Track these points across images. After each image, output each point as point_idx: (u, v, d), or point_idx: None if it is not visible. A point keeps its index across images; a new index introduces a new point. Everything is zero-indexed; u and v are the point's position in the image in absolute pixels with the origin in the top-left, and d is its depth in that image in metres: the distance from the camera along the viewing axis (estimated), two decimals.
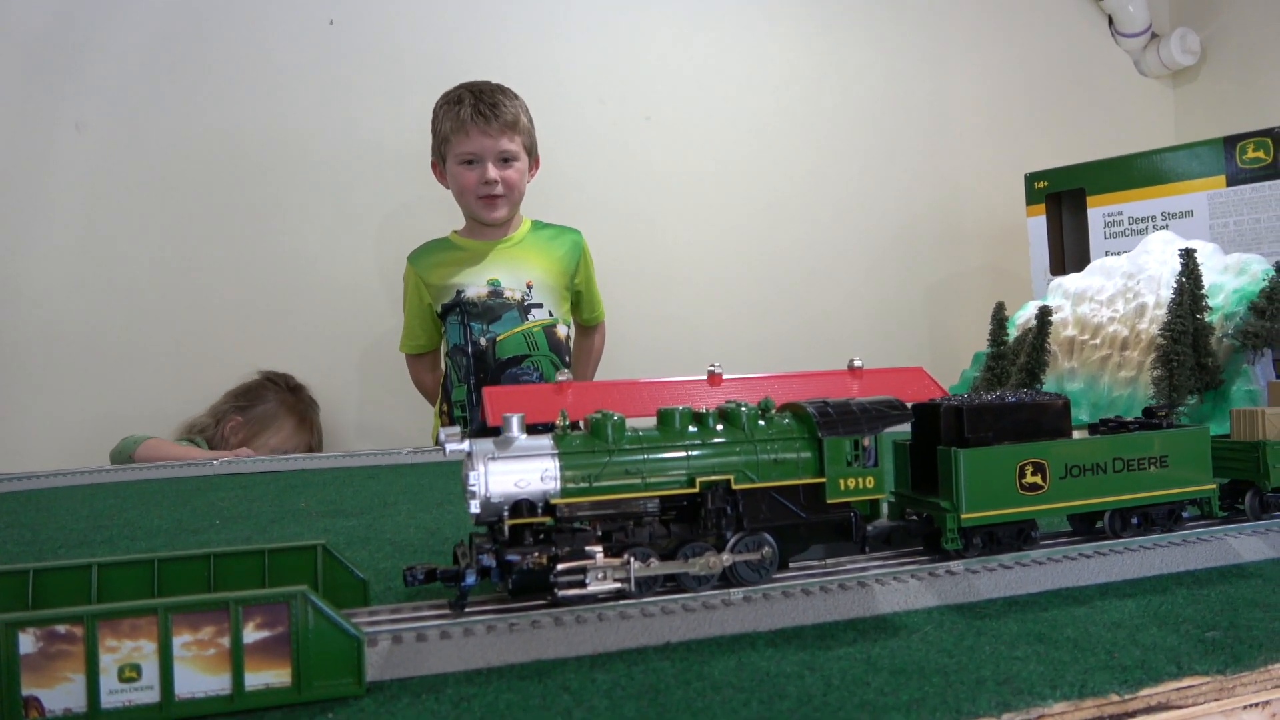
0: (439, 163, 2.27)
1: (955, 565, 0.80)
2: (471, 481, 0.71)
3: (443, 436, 0.72)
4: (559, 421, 0.76)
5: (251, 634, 0.61)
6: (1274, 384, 0.99)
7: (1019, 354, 1.85)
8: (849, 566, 0.83)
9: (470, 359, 2.18)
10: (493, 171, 2.17)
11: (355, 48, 2.75)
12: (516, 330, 2.20)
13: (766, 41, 3.16)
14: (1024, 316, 2.02)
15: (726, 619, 0.73)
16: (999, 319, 1.91)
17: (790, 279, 3.16)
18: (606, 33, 2.98)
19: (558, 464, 0.73)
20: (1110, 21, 3.58)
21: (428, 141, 2.30)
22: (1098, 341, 1.87)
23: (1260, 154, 2.26)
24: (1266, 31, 3.35)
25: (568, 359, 2.27)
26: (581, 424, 0.79)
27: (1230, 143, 2.31)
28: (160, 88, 2.58)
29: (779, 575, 0.79)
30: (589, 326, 2.43)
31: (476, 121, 2.14)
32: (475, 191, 2.19)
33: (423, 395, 2.39)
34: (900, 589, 0.78)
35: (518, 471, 0.72)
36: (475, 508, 0.71)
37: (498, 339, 2.18)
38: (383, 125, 2.75)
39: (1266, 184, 2.25)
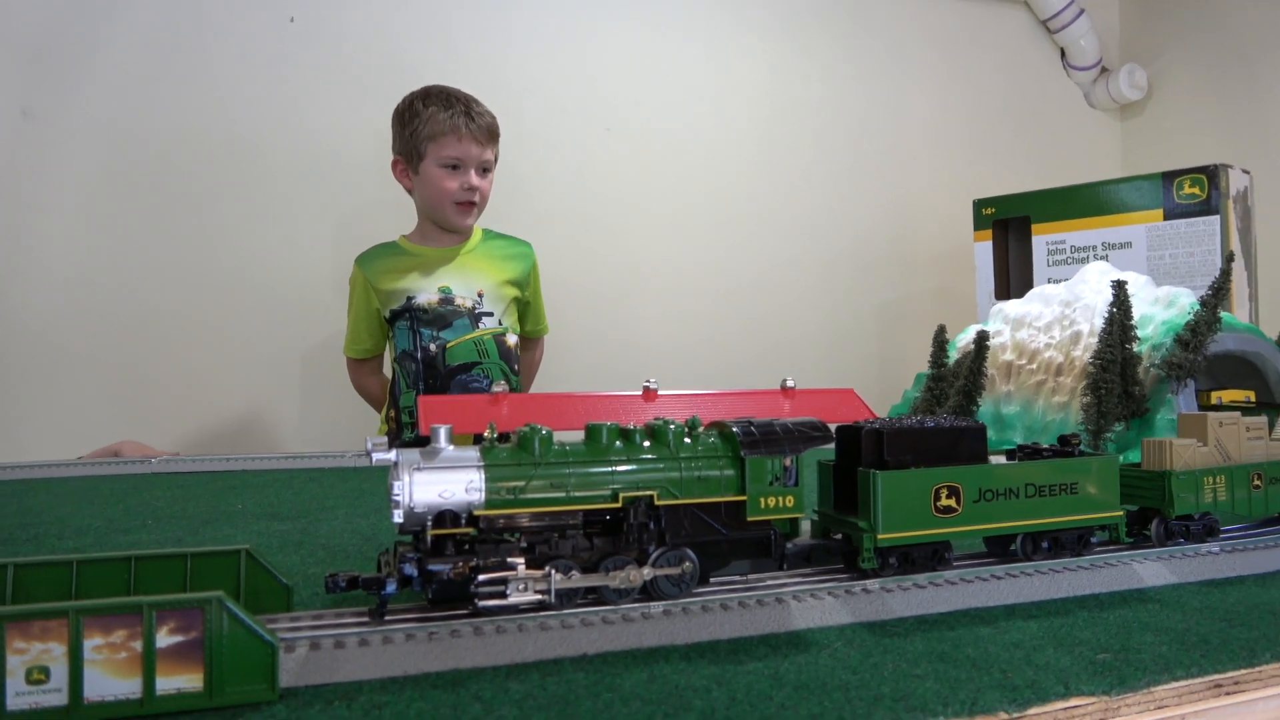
0: (404, 161, 2.23)
1: (871, 584, 0.83)
2: (396, 491, 0.72)
3: (369, 445, 0.73)
4: (487, 434, 0.78)
5: (165, 638, 0.61)
6: (1184, 416, 1.04)
7: (959, 376, 1.89)
8: (768, 582, 0.85)
9: (419, 365, 2.17)
10: (475, 179, 2.18)
11: (313, 47, 2.73)
12: (468, 337, 2.20)
13: (728, 60, 3.20)
14: (965, 340, 2.07)
15: (644, 632, 0.74)
16: (940, 341, 1.95)
17: (744, 295, 3.20)
18: (568, 43, 3.00)
19: (483, 476, 0.74)
20: (1063, 55, 3.68)
21: (384, 144, 2.29)
22: (1034, 366, 1.92)
23: (1195, 190, 2.35)
24: (1209, 71, 3.47)
25: (516, 367, 2.28)
26: (512, 436, 0.80)
27: (1168, 178, 2.40)
28: (111, 82, 2.54)
29: (699, 590, 0.81)
30: (532, 339, 2.43)
31: (470, 128, 2.14)
32: (455, 197, 2.18)
33: (364, 399, 2.38)
34: (816, 606, 0.80)
35: (442, 482, 0.73)
36: (399, 517, 0.72)
37: (448, 345, 2.18)
38: (339, 126, 2.73)
39: (1200, 219, 2.33)
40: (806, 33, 3.30)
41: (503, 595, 0.73)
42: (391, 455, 0.73)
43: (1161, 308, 1.83)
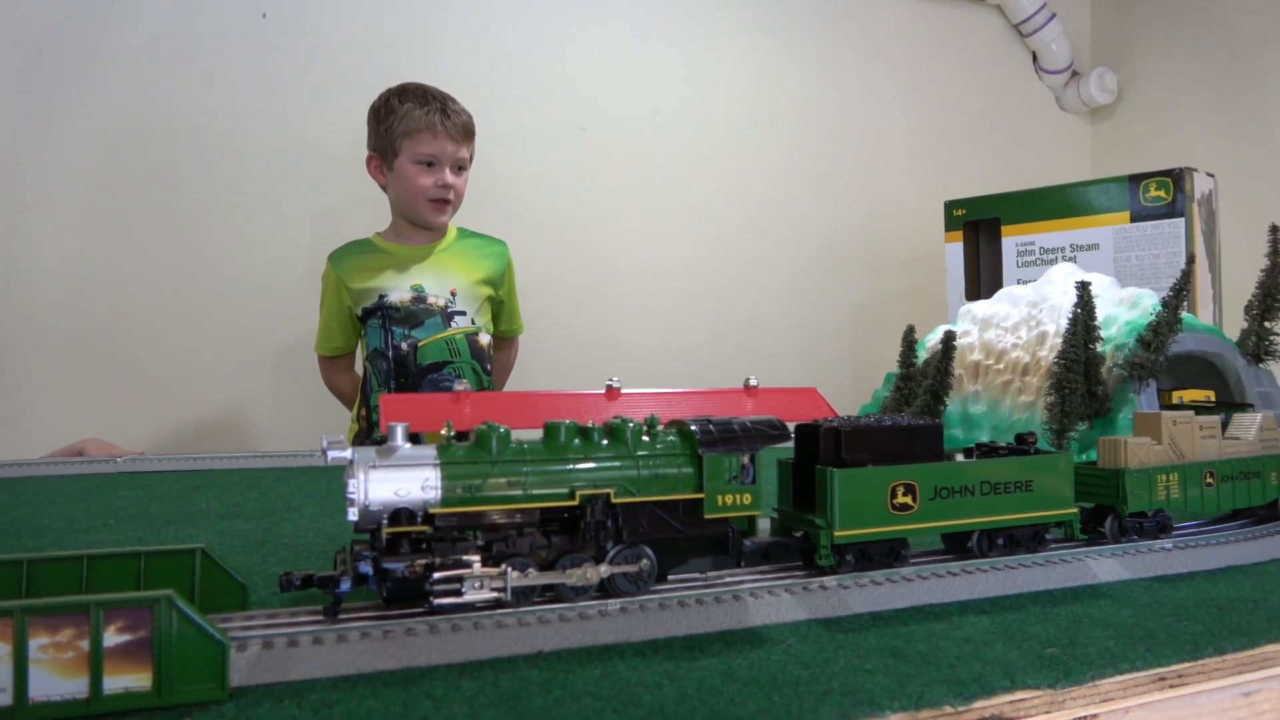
0: (379, 158, 2.22)
1: (828, 581, 0.83)
2: (351, 489, 0.72)
3: (325, 444, 0.73)
4: (444, 432, 0.78)
5: (112, 637, 0.61)
6: (1139, 415, 1.05)
7: (926, 376, 1.91)
8: (726, 579, 0.86)
9: (391, 364, 2.16)
10: (449, 177, 2.17)
11: (288, 43, 2.72)
12: (439, 336, 2.19)
13: (703, 61, 3.21)
14: (933, 340, 2.08)
15: (600, 629, 0.75)
16: (909, 341, 1.96)
17: (719, 294, 3.21)
18: (543, 42, 2.99)
19: (439, 474, 0.74)
20: (1035, 58, 3.72)
21: (359, 141, 2.28)
22: (1001, 366, 1.94)
23: (1161, 193, 2.38)
24: (1178, 76, 3.52)
25: (489, 367, 2.27)
26: (470, 435, 0.80)
27: (1135, 181, 2.43)
28: (82, 78, 2.52)
29: (657, 587, 0.81)
30: (505, 339, 2.43)
31: (445, 126, 2.14)
32: (429, 194, 2.18)
33: (336, 397, 2.36)
34: (773, 602, 0.80)
35: (398, 480, 0.73)
36: (353, 515, 0.72)
37: (419, 344, 2.17)
38: (314, 123, 2.72)
39: (1166, 221, 2.37)
40: (782, 33, 3.32)
41: (458, 593, 0.73)
42: (347, 454, 0.73)
43: (1126, 309, 1.86)
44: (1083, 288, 1.66)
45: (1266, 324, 1.74)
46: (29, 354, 2.47)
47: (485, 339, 2.26)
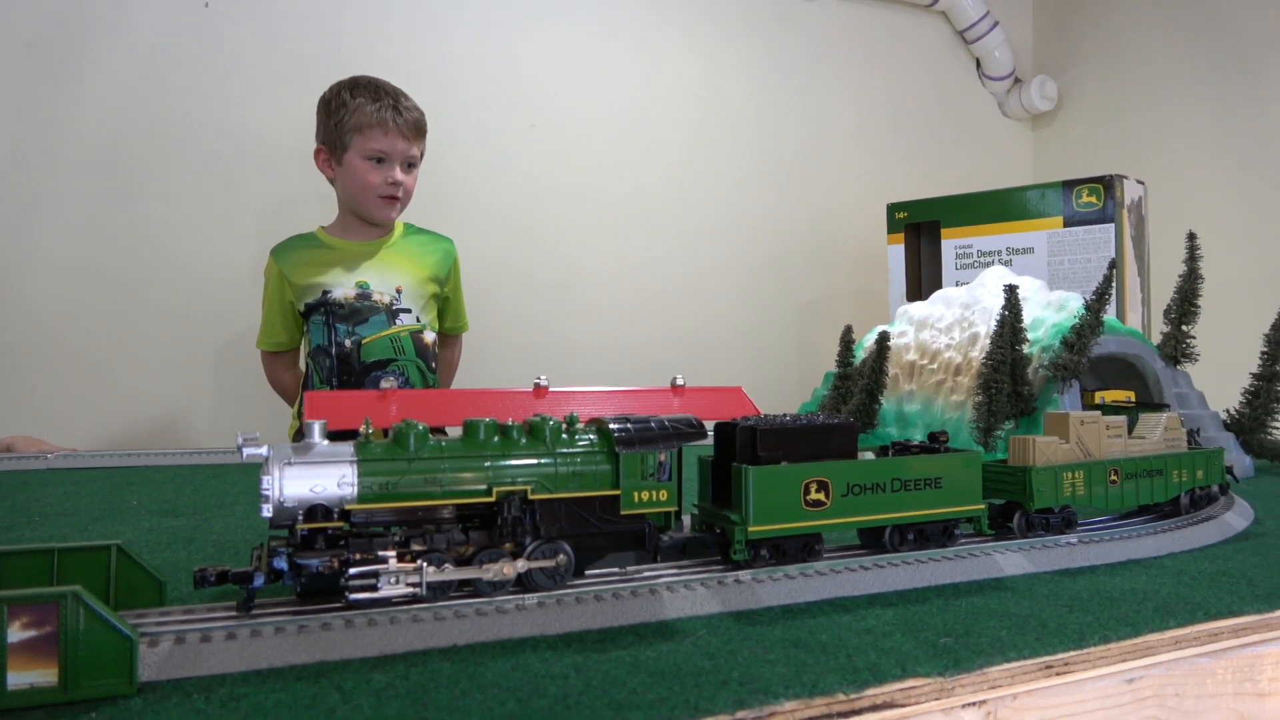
0: (328, 151, 2.20)
1: (743, 575, 0.86)
2: (265, 485, 0.73)
3: (239, 440, 0.73)
4: (362, 429, 0.79)
5: (17, 633, 0.61)
6: (1049, 415, 1.09)
7: (863, 375, 1.95)
8: (646, 574, 0.88)
9: (334, 360, 2.15)
10: (399, 174, 2.16)
11: (232, 35, 2.68)
12: (384, 334, 2.19)
13: (652, 60, 3.23)
14: (871, 340, 2.13)
15: (516, 623, 0.76)
16: (846, 341, 2.00)
17: (667, 293, 3.23)
18: (492, 37, 2.99)
19: (355, 470, 0.75)
20: (978, 64, 3.80)
21: (305, 135, 2.26)
22: (935, 367, 1.99)
23: (1093, 199, 2.45)
24: (1115, 85, 3.62)
25: (434, 365, 2.27)
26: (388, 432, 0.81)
27: (1068, 186, 2.50)
28: (20, 64, 2.46)
29: (575, 582, 0.83)
30: (451, 336, 2.43)
31: (397, 122, 2.12)
32: (378, 191, 2.16)
33: (278, 394, 2.34)
34: (688, 596, 0.83)
35: (314, 477, 0.74)
36: (267, 511, 0.73)
37: (363, 341, 2.16)
38: (262, 115, 2.69)
39: (1097, 227, 2.44)
40: (732, 35, 3.36)
41: (374, 588, 0.74)
42: (262, 450, 0.73)
43: (1053, 311, 1.92)
44: (1010, 291, 1.72)
45: (1184, 328, 1.81)
46: None
47: (430, 337, 2.26)
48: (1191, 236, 1.80)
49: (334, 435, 0.78)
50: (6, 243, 2.46)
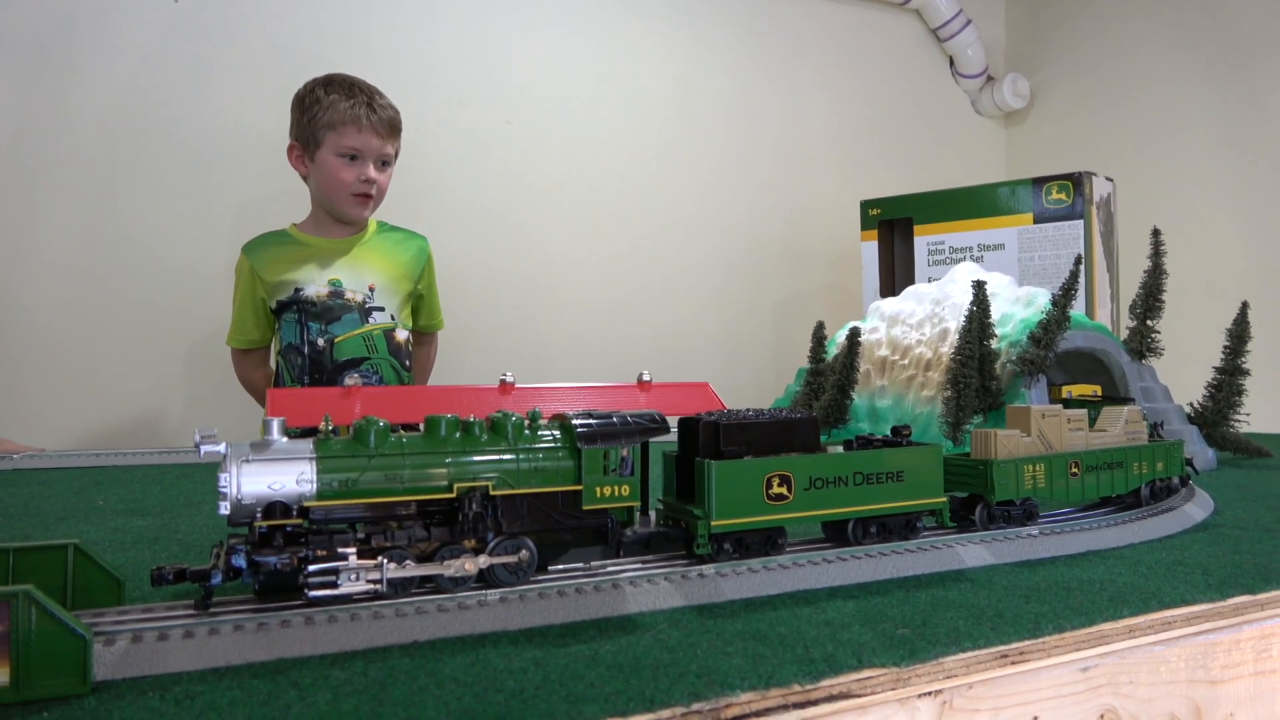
0: (301, 147, 2.18)
1: (706, 569, 0.86)
2: (223, 483, 0.72)
3: (197, 438, 0.73)
4: (322, 426, 0.78)
5: None
6: (1011, 409, 1.11)
7: (834, 371, 1.97)
8: (610, 569, 0.88)
9: (306, 359, 2.14)
10: (373, 172, 2.15)
11: (203, 30, 2.66)
12: (356, 332, 2.18)
13: (627, 58, 3.23)
14: (844, 336, 2.14)
15: (478, 619, 0.76)
16: (818, 337, 2.02)
17: (643, 290, 3.24)
18: (469, 34, 2.98)
19: (314, 467, 0.75)
20: (951, 63, 3.83)
21: (279, 132, 2.24)
22: (906, 362, 2.01)
23: (1062, 196, 2.48)
24: (1085, 84, 3.66)
25: (408, 363, 2.26)
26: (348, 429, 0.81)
27: (1038, 183, 2.53)
28: None
29: (538, 577, 0.83)
30: (425, 334, 2.42)
31: (371, 120, 2.11)
32: (351, 188, 2.15)
33: (248, 392, 2.33)
34: (651, 590, 0.83)
35: (272, 474, 0.73)
36: (225, 509, 0.72)
37: (336, 340, 2.15)
38: (236, 111, 2.66)
39: (1066, 223, 2.47)
40: (708, 34, 3.36)
41: (334, 585, 0.74)
42: (220, 448, 0.73)
43: (1021, 306, 1.94)
44: (978, 287, 1.73)
45: (1149, 322, 1.84)
46: None
47: (403, 335, 2.25)
48: (1156, 233, 1.83)
49: (302, 433, 0.78)
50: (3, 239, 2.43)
